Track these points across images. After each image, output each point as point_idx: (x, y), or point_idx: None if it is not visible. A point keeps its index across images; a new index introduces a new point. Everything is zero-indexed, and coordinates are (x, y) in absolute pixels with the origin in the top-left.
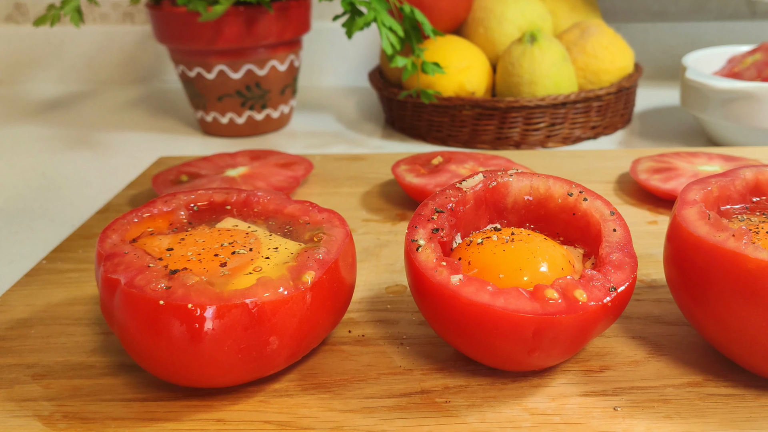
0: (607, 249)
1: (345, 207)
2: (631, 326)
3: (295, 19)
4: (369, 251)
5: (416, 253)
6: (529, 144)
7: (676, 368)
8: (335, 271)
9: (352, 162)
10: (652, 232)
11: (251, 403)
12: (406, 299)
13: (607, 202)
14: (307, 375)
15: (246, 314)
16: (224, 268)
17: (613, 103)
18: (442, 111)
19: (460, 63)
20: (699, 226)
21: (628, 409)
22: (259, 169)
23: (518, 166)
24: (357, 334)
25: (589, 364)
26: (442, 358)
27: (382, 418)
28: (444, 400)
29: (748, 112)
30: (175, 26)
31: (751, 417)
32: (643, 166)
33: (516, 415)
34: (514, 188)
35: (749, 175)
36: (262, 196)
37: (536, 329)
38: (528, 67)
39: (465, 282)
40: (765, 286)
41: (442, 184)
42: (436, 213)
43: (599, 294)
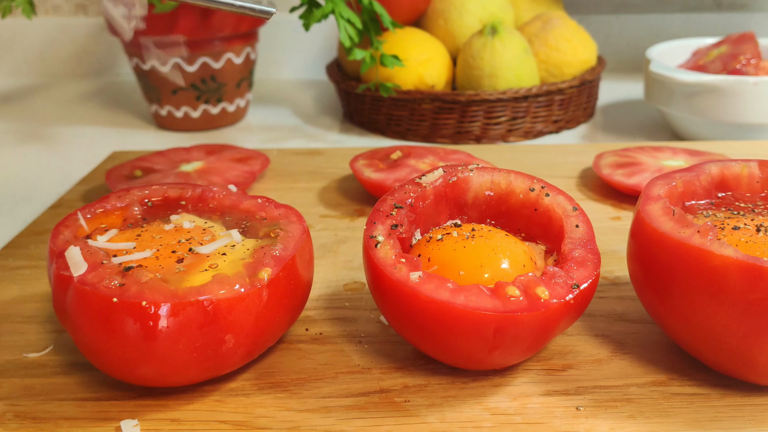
0: (569, 245)
1: (302, 202)
2: (594, 324)
3: None
4: (327, 247)
5: (375, 250)
6: (490, 138)
7: (640, 367)
8: (292, 268)
9: (310, 157)
10: (616, 228)
11: (207, 403)
12: (364, 297)
13: (569, 197)
14: (264, 374)
15: (201, 312)
16: (179, 265)
17: (575, 97)
18: (402, 105)
19: (419, 56)
20: (663, 222)
21: (591, 409)
22: (214, 164)
23: (479, 161)
24: (314, 333)
25: (551, 362)
26: (401, 356)
27: (339, 417)
28: (403, 400)
29: (714, 106)
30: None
31: (716, 417)
32: (607, 161)
33: (477, 414)
34: (474, 183)
35: (714, 170)
36: (218, 191)
37: (497, 327)
38: (489, 60)
39: (424, 279)
40: (730, 283)
41: (402, 179)
42: (395, 209)
43: (561, 291)
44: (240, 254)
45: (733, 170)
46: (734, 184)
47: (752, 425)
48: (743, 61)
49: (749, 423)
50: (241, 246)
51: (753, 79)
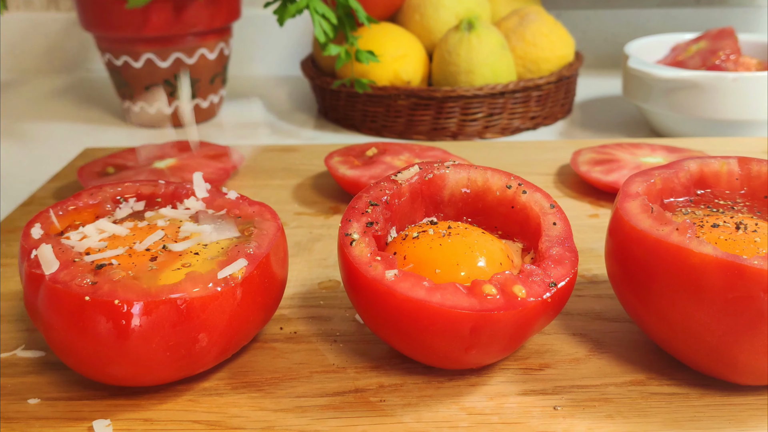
0: (546, 243)
1: (276, 200)
2: (572, 323)
3: (224, 6)
4: (301, 245)
5: (350, 248)
6: (466, 135)
7: (618, 366)
8: (266, 266)
9: (284, 153)
10: (594, 225)
11: (180, 402)
12: (339, 295)
13: (546, 194)
14: (238, 373)
15: (174, 310)
16: (152, 263)
17: (553, 93)
18: (377, 101)
19: (395, 51)
20: (642, 219)
21: (569, 409)
22: (187, 161)
23: (455, 158)
24: (289, 331)
25: (528, 362)
26: (376, 355)
27: (314, 417)
28: (378, 399)
29: (693, 102)
30: (102, 13)
31: (695, 417)
32: (584, 158)
33: (453, 414)
34: (451, 180)
35: (693, 167)
36: (191, 188)
37: (474, 326)
38: (465, 56)
39: (400, 277)
40: (709, 281)
41: (377, 176)
42: (370, 206)
43: (539, 290)
44: (213, 252)
45: (713, 167)
46: (713, 181)
47: (732, 425)
48: (722, 56)
49: (729, 423)
50: (215, 244)
51: (732, 75)
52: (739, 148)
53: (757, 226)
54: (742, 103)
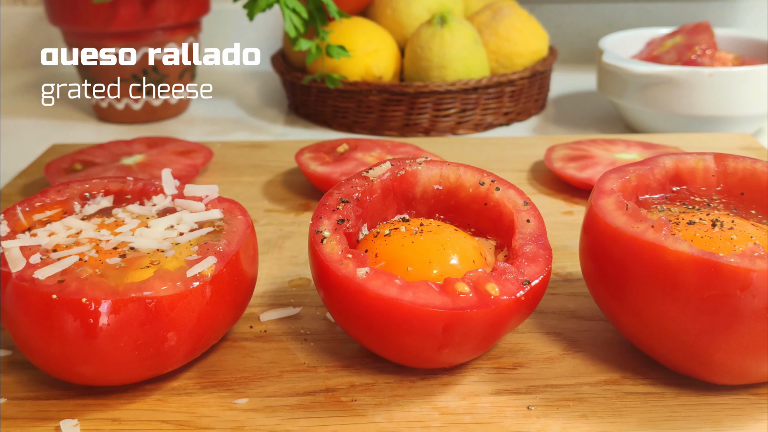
0: (520, 240)
1: (246, 197)
2: (546, 321)
3: (193, 0)
4: (271, 243)
5: (321, 245)
6: (438, 131)
7: (593, 365)
8: (236, 264)
9: (254, 150)
10: (568, 222)
11: (148, 402)
12: (310, 293)
13: (520, 191)
14: (207, 372)
15: (143, 309)
16: (121, 261)
17: (526, 88)
18: (348, 96)
19: (366, 46)
20: (616, 216)
21: (543, 408)
22: (156, 157)
23: (427, 154)
24: (259, 330)
25: (501, 361)
26: (347, 354)
27: (285, 417)
28: (350, 399)
29: (668, 98)
30: (69, 7)
31: (670, 416)
32: (558, 154)
33: (425, 414)
34: (423, 177)
35: (669, 163)
36: (160, 185)
37: (446, 324)
38: (438, 51)
39: (372, 275)
40: (685, 279)
41: (348, 172)
42: (341, 203)
43: (512, 288)
44: (183, 249)
45: (688, 164)
46: (689, 178)
47: (708, 425)
48: (698, 51)
49: (704, 423)
50: (184, 241)
51: (708, 70)
52: (716, 144)
53: (734, 223)
54: (719, 98)
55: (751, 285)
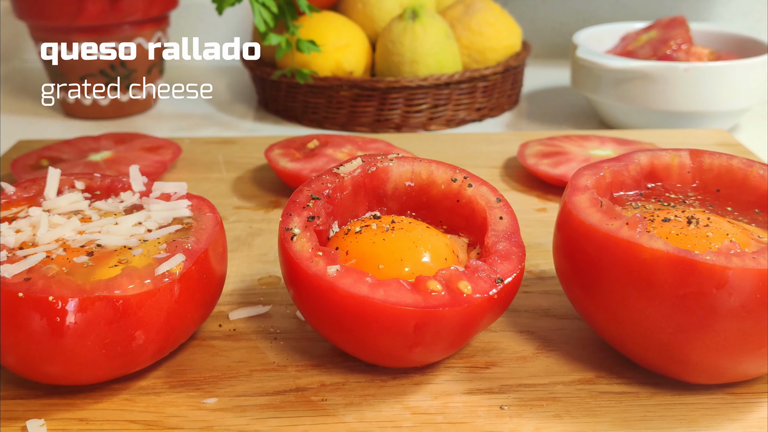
0: (493, 238)
1: (215, 193)
2: (519, 320)
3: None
4: (241, 240)
5: (291, 243)
6: (410, 127)
7: (567, 364)
8: (205, 262)
9: (223, 146)
10: (541, 220)
11: (116, 402)
12: (280, 291)
13: (493, 188)
14: (175, 371)
15: (110, 307)
16: (88, 259)
17: (499, 84)
18: (319, 92)
19: (337, 41)
20: (590, 213)
21: (516, 408)
22: (124, 154)
23: (399, 150)
24: (228, 329)
25: (474, 360)
26: (318, 353)
27: (254, 417)
28: (320, 399)
29: (643, 93)
30: (36, 1)
31: (645, 416)
32: (532, 150)
33: (396, 414)
34: (394, 174)
35: (644, 159)
36: (127, 181)
37: (418, 323)
38: (409, 45)
39: (342, 273)
40: (660, 277)
41: (318, 169)
42: (311, 200)
43: (485, 286)
44: (151, 247)
45: (663, 160)
46: (664, 175)
47: (683, 425)
48: (674, 46)
49: (680, 423)
50: (152, 239)
51: (684, 65)
52: (691, 140)
53: (710, 220)
54: (694, 94)
55: (727, 283)
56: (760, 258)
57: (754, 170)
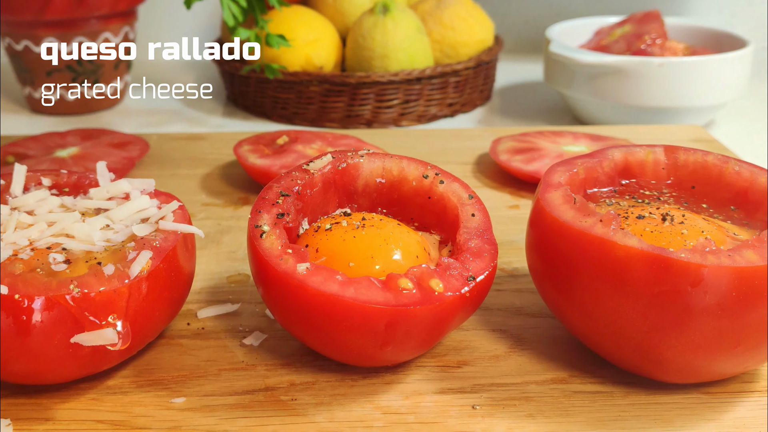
0: (465, 235)
1: (183, 190)
2: (491, 318)
3: None
4: (209, 238)
5: (260, 240)
6: (381, 122)
7: (540, 363)
8: (173, 260)
9: (191, 142)
10: (514, 217)
11: (83, 401)
12: (249, 289)
13: (465, 184)
14: (143, 371)
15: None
16: (56, 257)
17: (471, 79)
18: (288, 87)
19: (307, 35)
20: (564, 210)
21: (488, 408)
22: (91, 150)
23: (370, 146)
24: (196, 327)
25: (445, 359)
26: (287, 352)
27: (223, 417)
28: (290, 398)
29: (617, 88)
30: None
31: (620, 416)
32: (504, 146)
33: (367, 413)
34: (365, 170)
35: (618, 156)
36: (94, 178)
37: (389, 321)
38: (380, 40)
39: (312, 271)
40: (635, 275)
41: (288, 165)
42: (281, 197)
43: (457, 284)
44: (118, 245)
45: (638, 156)
46: (639, 171)
47: (657, 425)
48: (648, 41)
49: (654, 422)
50: (120, 236)
51: (658, 60)
52: (666, 136)
53: (684, 217)
54: (669, 89)
55: (702, 281)
56: (735, 256)
57: (729, 167)
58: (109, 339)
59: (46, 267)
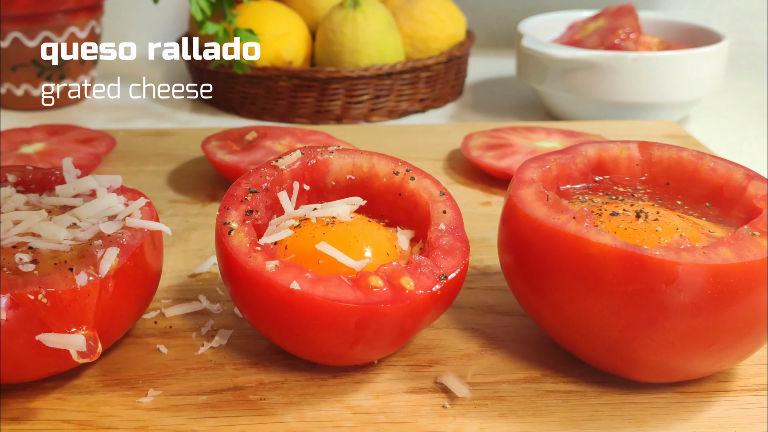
0: (436, 233)
1: (150, 187)
2: (463, 317)
3: None
4: (177, 235)
5: (228, 237)
6: (351, 118)
7: (512, 363)
8: (140, 257)
9: (159, 138)
10: (486, 214)
11: (48, 401)
12: (217, 287)
13: (436, 181)
14: (110, 370)
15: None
16: (21, 255)
17: (443, 74)
18: (257, 82)
19: (276, 30)
20: (536, 207)
21: (460, 407)
22: (57, 146)
23: (339, 143)
24: (164, 326)
25: (416, 358)
26: (256, 351)
27: (191, 417)
28: (258, 398)
29: (591, 84)
30: None
31: (593, 416)
32: (476, 142)
33: (337, 413)
34: (334, 166)
35: (591, 152)
36: (61, 174)
37: (359, 320)
38: (350, 35)
39: (281, 268)
40: (608, 272)
41: (257, 161)
42: (250, 193)
43: (428, 282)
44: (85, 242)
45: (611, 152)
46: (612, 167)
47: (632, 425)
48: (622, 35)
49: (628, 422)
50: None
51: (632, 55)
52: (640, 132)
53: (659, 214)
54: (643, 84)
55: (677, 279)
56: (710, 253)
57: (704, 163)
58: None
59: (12, 266)
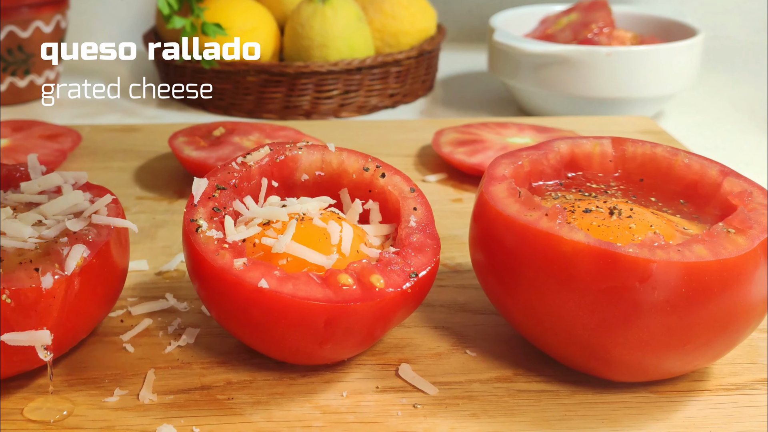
0: (406, 230)
1: (116, 183)
2: (434, 315)
3: None
4: (144, 232)
5: (196, 235)
6: (320, 113)
7: (483, 362)
8: (106, 254)
9: (125, 133)
10: (457, 210)
11: (12, 400)
12: (184, 285)
13: (406, 177)
14: (75, 369)
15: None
16: None
17: (413, 69)
18: (225, 77)
19: (244, 24)
20: (508, 204)
21: (430, 407)
22: (21, 142)
23: (309, 138)
24: (130, 324)
25: (386, 357)
26: (224, 350)
27: (157, 416)
28: (226, 397)
29: (563, 79)
30: None
31: (566, 415)
32: (447, 138)
33: (306, 413)
34: (304, 162)
35: (564, 148)
36: (25, 171)
37: (328, 318)
38: (319, 29)
39: (249, 266)
40: (581, 270)
41: (225, 157)
42: (217, 190)
43: (398, 279)
44: (50, 239)
45: (584, 148)
46: (585, 164)
47: (605, 425)
48: (595, 29)
49: (602, 422)
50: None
51: (605, 50)
52: (613, 127)
53: (632, 211)
54: (616, 79)
55: (650, 277)
56: (685, 251)
57: (678, 159)
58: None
59: None
